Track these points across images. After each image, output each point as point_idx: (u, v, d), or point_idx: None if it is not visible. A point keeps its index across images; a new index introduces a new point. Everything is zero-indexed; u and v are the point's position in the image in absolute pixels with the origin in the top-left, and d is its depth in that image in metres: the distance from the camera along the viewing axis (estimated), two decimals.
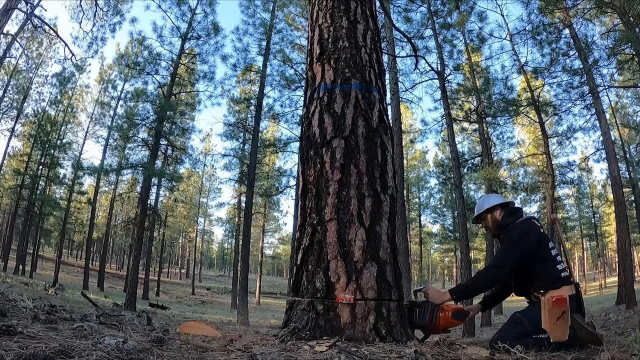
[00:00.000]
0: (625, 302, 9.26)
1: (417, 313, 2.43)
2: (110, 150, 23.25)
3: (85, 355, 1.24)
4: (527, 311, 2.40)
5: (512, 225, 2.48)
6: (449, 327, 2.49)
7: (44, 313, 2.23)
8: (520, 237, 2.40)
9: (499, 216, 2.63)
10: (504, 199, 2.72)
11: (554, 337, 2.18)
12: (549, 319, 2.20)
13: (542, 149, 13.22)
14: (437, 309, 2.41)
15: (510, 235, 2.45)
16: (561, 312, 2.20)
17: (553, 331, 2.19)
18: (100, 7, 11.92)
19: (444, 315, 2.41)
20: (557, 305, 2.20)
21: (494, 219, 2.65)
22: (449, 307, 2.45)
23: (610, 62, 11.04)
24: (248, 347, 1.85)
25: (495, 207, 2.64)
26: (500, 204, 2.65)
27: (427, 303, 2.42)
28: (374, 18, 2.73)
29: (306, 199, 2.32)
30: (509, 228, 2.49)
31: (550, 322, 2.20)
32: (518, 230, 2.43)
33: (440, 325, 2.42)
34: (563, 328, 2.20)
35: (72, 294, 12.73)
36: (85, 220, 33.37)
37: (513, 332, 2.29)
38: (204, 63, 15.05)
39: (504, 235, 2.53)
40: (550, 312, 2.21)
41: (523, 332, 2.27)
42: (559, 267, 2.36)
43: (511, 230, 2.46)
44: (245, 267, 13.56)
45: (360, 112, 2.37)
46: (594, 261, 43.37)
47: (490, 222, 2.67)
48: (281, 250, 48.05)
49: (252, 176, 14.03)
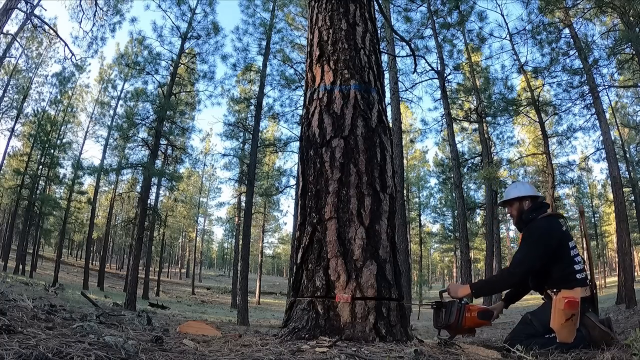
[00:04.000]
0: (625, 302, 9.27)
1: (444, 313, 2.47)
2: (110, 150, 23.27)
3: (85, 355, 1.25)
4: (537, 312, 2.41)
5: (533, 224, 2.46)
6: (475, 327, 2.51)
7: (44, 313, 2.23)
8: (541, 236, 2.38)
9: (526, 207, 2.59)
10: (537, 192, 2.67)
11: (560, 337, 2.20)
12: (558, 319, 2.22)
13: (542, 148, 13.23)
14: (464, 309, 2.43)
15: (531, 234, 2.43)
16: (571, 314, 2.21)
17: (560, 331, 2.21)
18: (100, 7, 11.93)
19: (470, 316, 2.43)
20: (568, 307, 2.21)
21: (520, 209, 2.60)
22: (474, 307, 2.48)
23: (610, 62, 11.06)
24: (248, 347, 1.85)
25: (526, 197, 2.60)
26: (532, 195, 2.61)
27: (453, 303, 2.45)
28: (372, 20, 2.76)
29: (306, 198, 2.33)
30: (530, 226, 2.47)
31: (559, 323, 2.22)
32: (540, 230, 2.41)
33: (466, 325, 2.44)
34: (571, 330, 2.21)
35: (72, 294, 12.73)
36: (85, 220, 33.38)
37: (523, 332, 2.33)
38: (203, 63, 15.05)
39: (525, 230, 2.51)
40: (560, 313, 2.22)
41: (533, 332, 2.30)
42: (577, 267, 2.34)
43: (532, 228, 2.44)
44: (245, 267, 13.57)
45: (360, 112, 2.38)
46: (594, 261, 43.35)
47: (516, 210, 2.62)
48: (281, 250, 48.07)
49: (252, 176, 14.03)
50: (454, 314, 2.40)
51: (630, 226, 15.76)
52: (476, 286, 2.50)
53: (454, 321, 2.40)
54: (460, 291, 2.45)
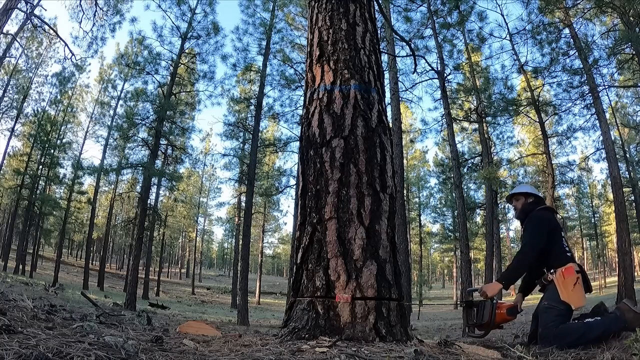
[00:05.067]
0: None
1: (477, 312, 2.68)
2: (110, 150, 23.27)
3: (85, 355, 1.24)
4: (548, 296, 2.58)
5: (533, 213, 2.81)
6: (503, 323, 2.74)
7: (44, 313, 2.23)
8: (542, 221, 2.74)
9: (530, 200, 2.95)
10: (541, 195, 3.10)
11: (574, 304, 2.44)
12: (565, 289, 2.48)
13: (542, 148, 13.22)
14: (495, 307, 2.63)
15: (532, 221, 2.77)
16: (574, 279, 2.51)
17: (572, 299, 2.44)
18: (100, 7, 11.93)
19: (500, 312, 2.65)
20: (568, 274, 2.51)
21: (525, 203, 2.95)
22: (503, 305, 2.71)
23: (610, 62, 11.06)
24: (248, 347, 1.85)
25: (531, 194, 2.97)
26: (536, 195, 2.99)
27: (486, 302, 2.65)
28: (372, 20, 2.76)
29: (306, 198, 2.33)
30: (531, 215, 2.81)
31: (567, 291, 2.46)
32: (539, 217, 2.77)
33: (497, 322, 2.66)
34: (580, 294, 2.49)
35: (72, 294, 12.72)
36: (85, 220, 33.37)
37: (550, 317, 2.47)
38: (203, 63, 15.07)
39: (527, 220, 2.83)
40: (565, 283, 2.49)
41: (557, 313, 2.46)
42: (567, 249, 2.70)
43: (534, 217, 2.79)
44: (245, 267, 13.56)
45: (360, 112, 2.38)
46: (594, 261, 43.35)
47: (520, 204, 2.97)
48: (281, 250, 48.04)
49: (252, 176, 14.02)
50: (487, 313, 2.61)
51: (630, 226, 15.73)
52: (503, 278, 2.70)
53: (488, 319, 2.60)
54: (492, 290, 2.61)
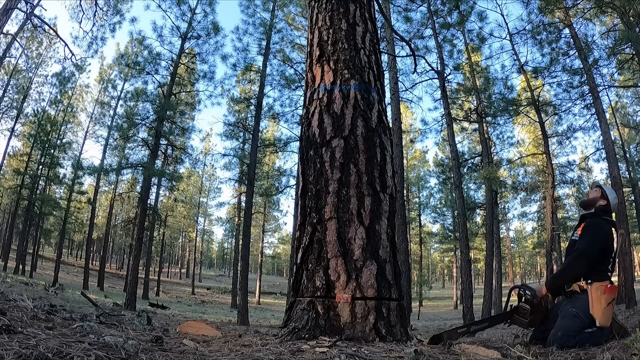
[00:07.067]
0: (625, 302, 9.26)
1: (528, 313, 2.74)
2: (110, 150, 23.23)
3: (85, 355, 1.24)
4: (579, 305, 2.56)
5: (600, 221, 2.74)
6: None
7: (44, 313, 2.23)
8: (603, 235, 2.68)
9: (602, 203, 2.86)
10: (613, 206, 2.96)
11: (601, 321, 2.42)
12: (598, 305, 2.45)
13: (542, 148, 13.21)
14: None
15: (595, 229, 2.71)
16: (612, 299, 2.49)
17: (601, 316, 2.43)
18: (100, 7, 11.92)
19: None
20: (609, 292, 2.48)
21: (597, 199, 2.88)
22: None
23: (610, 62, 11.05)
24: (248, 347, 1.85)
25: (608, 200, 2.89)
26: (611, 204, 2.90)
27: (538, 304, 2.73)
28: (372, 20, 2.75)
29: (306, 198, 2.33)
30: (598, 221, 2.74)
31: (599, 307, 2.44)
32: (603, 230, 2.70)
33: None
34: (609, 314, 2.48)
35: (72, 294, 12.73)
36: (85, 220, 33.34)
37: (575, 326, 2.46)
38: (203, 63, 15.06)
39: (588, 221, 2.78)
40: (600, 298, 2.47)
41: (582, 325, 2.46)
42: (610, 267, 2.68)
43: (598, 225, 2.72)
44: (245, 267, 13.56)
45: (360, 112, 2.38)
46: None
47: (593, 197, 2.90)
48: (281, 250, 48.01)
49: (252, 176, 14.02)
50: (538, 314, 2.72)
51: (630, 226, 15.75)
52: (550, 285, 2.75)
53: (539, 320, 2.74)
54: (543, 292, 2.72)
